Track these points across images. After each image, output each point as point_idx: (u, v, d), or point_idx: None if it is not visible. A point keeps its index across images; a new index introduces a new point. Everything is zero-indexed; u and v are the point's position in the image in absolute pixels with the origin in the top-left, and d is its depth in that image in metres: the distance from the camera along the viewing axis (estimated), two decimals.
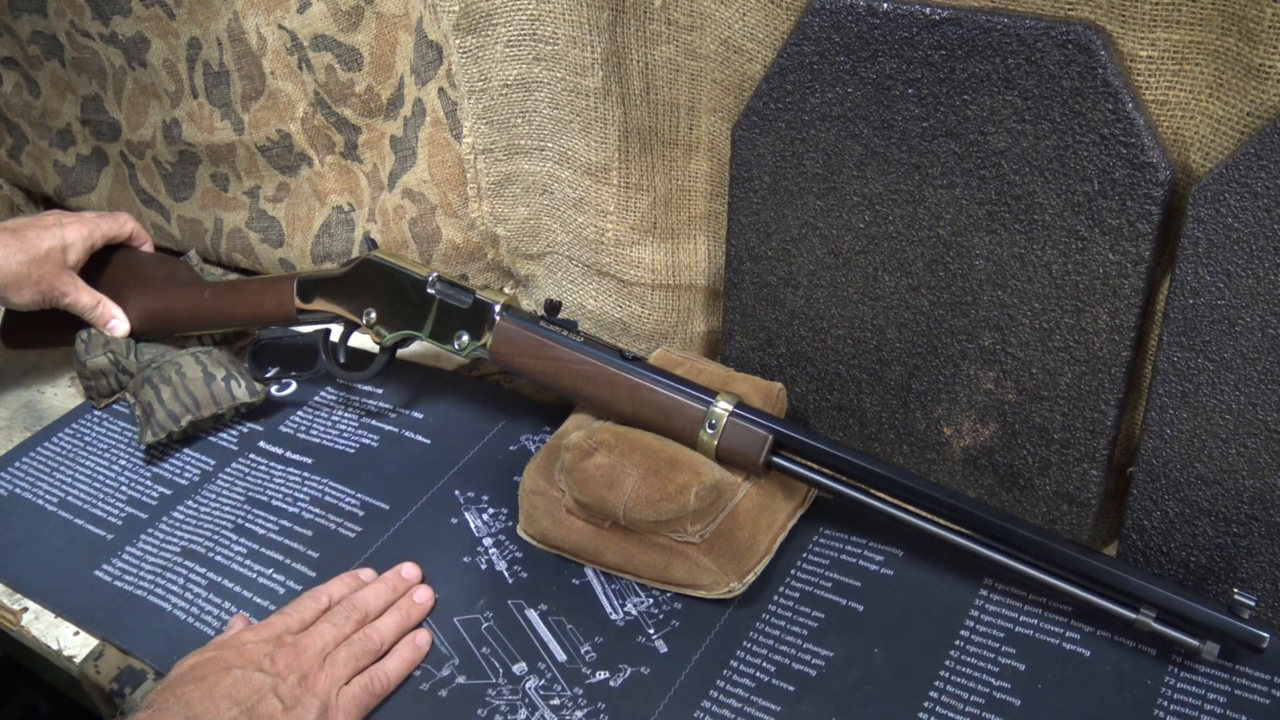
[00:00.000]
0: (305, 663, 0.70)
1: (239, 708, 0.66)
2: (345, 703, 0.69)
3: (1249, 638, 0.63)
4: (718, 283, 0.91)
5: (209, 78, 1.07)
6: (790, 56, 0.75)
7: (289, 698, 0.67)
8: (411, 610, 0.76)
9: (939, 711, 0.67)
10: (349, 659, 0.71)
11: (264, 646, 0.70)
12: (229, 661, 0.69)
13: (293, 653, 0.70)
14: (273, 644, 0.71)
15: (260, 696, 0.67)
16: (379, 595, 0.77)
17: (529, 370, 0.83)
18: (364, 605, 0.75)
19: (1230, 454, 0.67)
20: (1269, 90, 0.60)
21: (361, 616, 0.74)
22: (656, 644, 0.73)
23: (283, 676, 0.69)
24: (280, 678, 0.68)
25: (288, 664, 0.69)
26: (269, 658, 0.69)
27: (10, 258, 0.92)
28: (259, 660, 0.69)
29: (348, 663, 0.71)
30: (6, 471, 0.94)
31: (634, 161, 0.85)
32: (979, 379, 0.77)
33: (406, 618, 0.76)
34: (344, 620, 0.74)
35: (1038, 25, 0.65)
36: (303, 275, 0.95)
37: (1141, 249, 0.67)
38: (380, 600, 0.76)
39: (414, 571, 0.80)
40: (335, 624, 0.73)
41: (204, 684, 0.67)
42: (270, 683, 0.68)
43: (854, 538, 0.80)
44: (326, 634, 0.72)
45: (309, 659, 0.70)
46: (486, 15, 0.84)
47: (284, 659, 0.70)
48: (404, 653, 0.74)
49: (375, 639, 0.73)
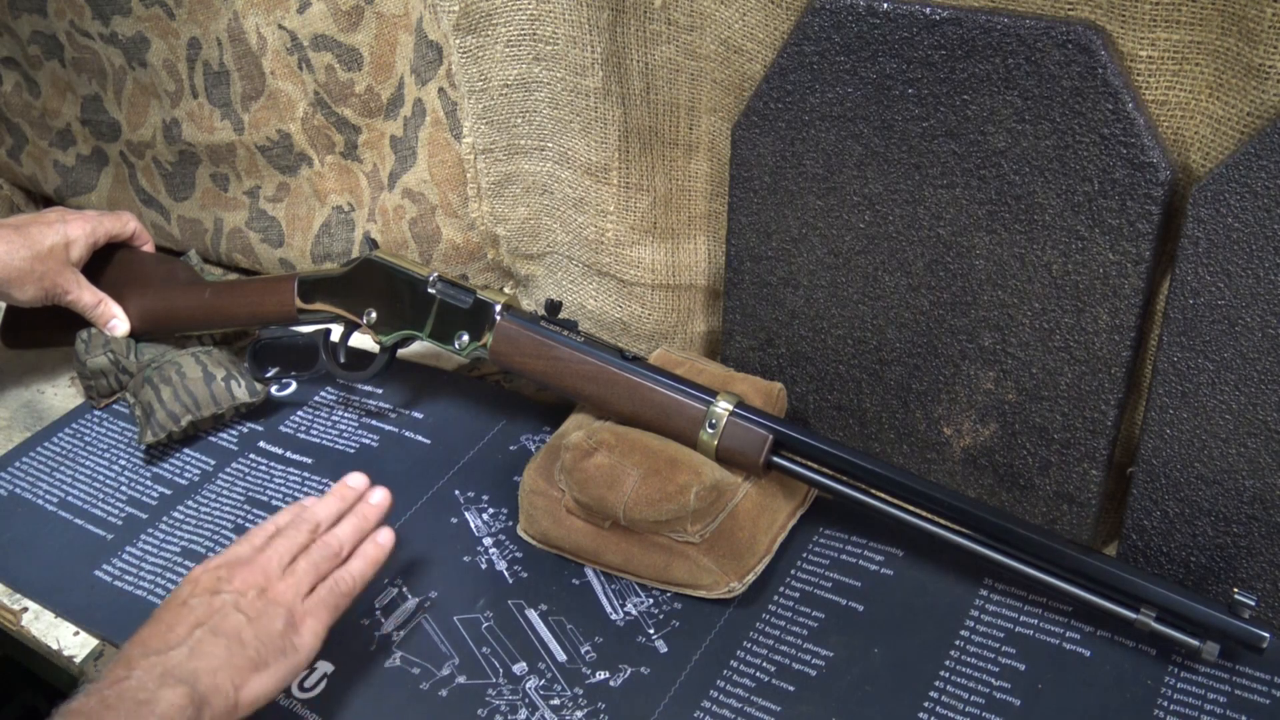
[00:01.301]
0: (264, 576, 0.68)
1: (201, 628, 0.64)
2: (312, 606, 0.68)
3: (1249, 638, 0.63)
4: (718, 283, 0.91)
5: (209, 78, 1.07)
6: (790, 56, 0.75)
7: (251, 610, 0.66)
8: (368, 512, 0.75)
9: (939, 711, 0.67)
10: (309, 567, 0.70)
11: (218, 572, 0.68)
12: (183, 596, 0.67)
13: (248, 569, 0.68)
14: (226, 568, 0.69)
15: (222, 614, 0.65)
16: (329, 507, 0.75)
17: (529, 370, 0.83)
18: (314, 518, 0.74)
19: (1230, 454, 0.67)
20: (1269, 90, 0.61)
21: (313, 527, 0.73)
22: (656, 644, 0.73)
23: (242, 593, 0.67)
24: (240, 594, 0.66)
25: (245, 580, 0.68)
26: (224, 580, 0.67)
27: (14, 253, 0.92)
28: (214, 585, 0.67)
29: (308, 571, 0.70)
30: (6, 471, 0.94)
31: (634, 161, 0.85)
32: (979, 379, 0.77)
33: (364, 520, 0.74)
34: (296, 532, 0.72)
35: (1038, 25, 0.65)
36: (303, 275, 0.95)
37: (1141, 249, 0.67)
38: (331, 510, 0.75)
39: (361, 479, 0.78)
40: (288, 538, 0.71)
41: (161, 621, 0.65)
42: (230, 600, 0.66)
43: (854, 538, 0.80)
44: (280, 547, 0.70)
45: (267, 572, 0.68)
46: (486, 15, 0.84)
47: (240, 576, 0.68)
48: (367, 551, 0.72)
49: (334, 544, 0.72)
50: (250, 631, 0.65)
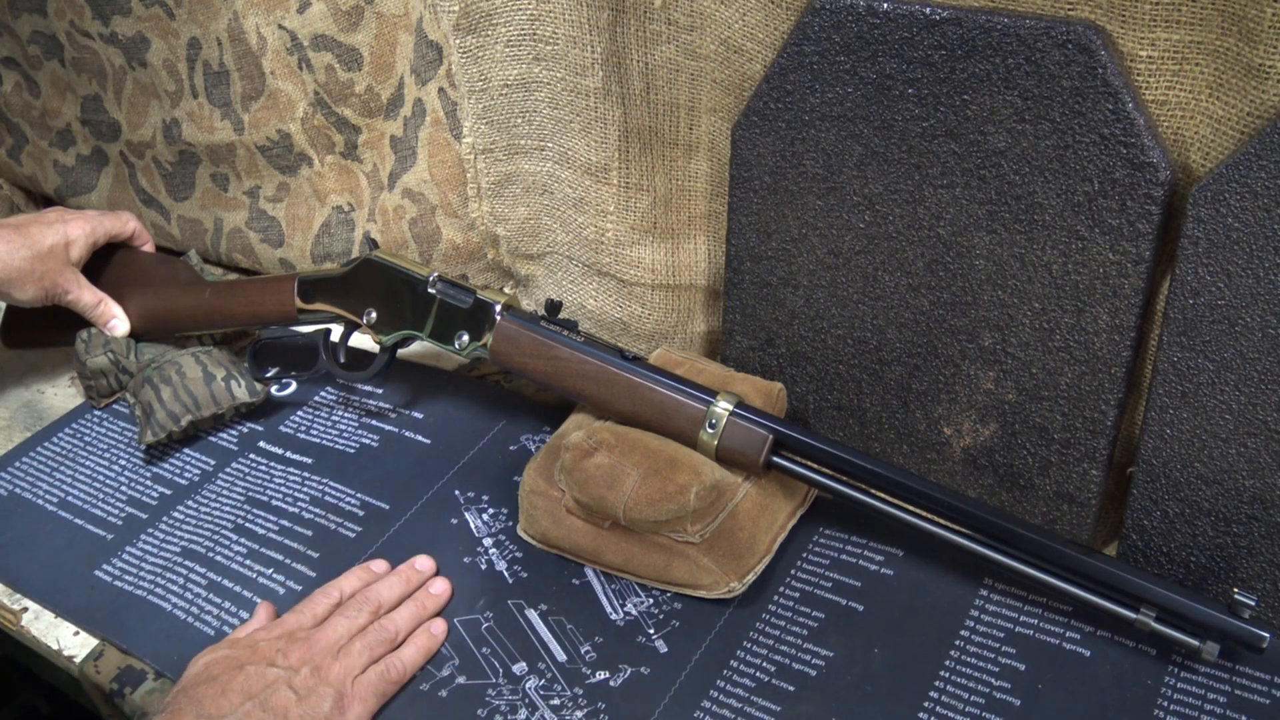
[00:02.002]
0: (318, 654, 0.70)
1: (252, 701, 0.66)
2: (361, 690, 0.69)
3: (1249, 638, 0.63)
4: (718, 283, 0.91)
5: (209, 78, 1.07)
6: (790, 56, 0.75)
7: (302, 688, 0.68)
8: (427, 601, 0.76)
9: (939, 711, 0.67)
10: (364, 649, 0.71)
11: (277, 643, 0.70)
12: (241, 659, 0.69)
13: (305, 646, 0.70)
14: (285, 639, 0.71)
15: (273, 689, 0.67)
16: (393, 588, 0.76)
17: (529, 370, 0.83)
18: (377, 598, 0.75)
19: (1230, 454, 0.67)
20: (1269, 90, 0.61)
21: (375, 608, 0.74)
22: (656, 644, 0.73)
23: (295, 669, 0.69)
24: (293, 670, 0.68)
25: (301, 656, 0.69)
26: (281, 653, 0.70)
27: (14, 253, 0.92)
28: (271, 655, 0.69)
29: (362, 652, 0.71)
30: (6, 471, 0.94)
31: (634, 161, 0.85)
32: (979, 379, 0.77)
33: (422, 609, 0.76)
34: (357, 613, 0.74)
35: (1038, 25, 0.65)
36: (303, 275, 0.95)
37: (1141, 249, 0.67)
38: (394, 593, 0.76)
39: (428, 564, 0.80)
40: (349, 616, 0.73)
41: (217, 683, 0.67)
42: (283, 675, 0.68)
43: (854, 538, 0.80)
44: (340, 626, 0.72)
45: (322, 650, 0.70)
46: (486, 15, 0.84)
47: (297, 652, 0.70)
48: (420, 641, 0.74)
49: (390, 629, 0.73)
50: (297, 711, 0.66)
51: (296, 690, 0.67)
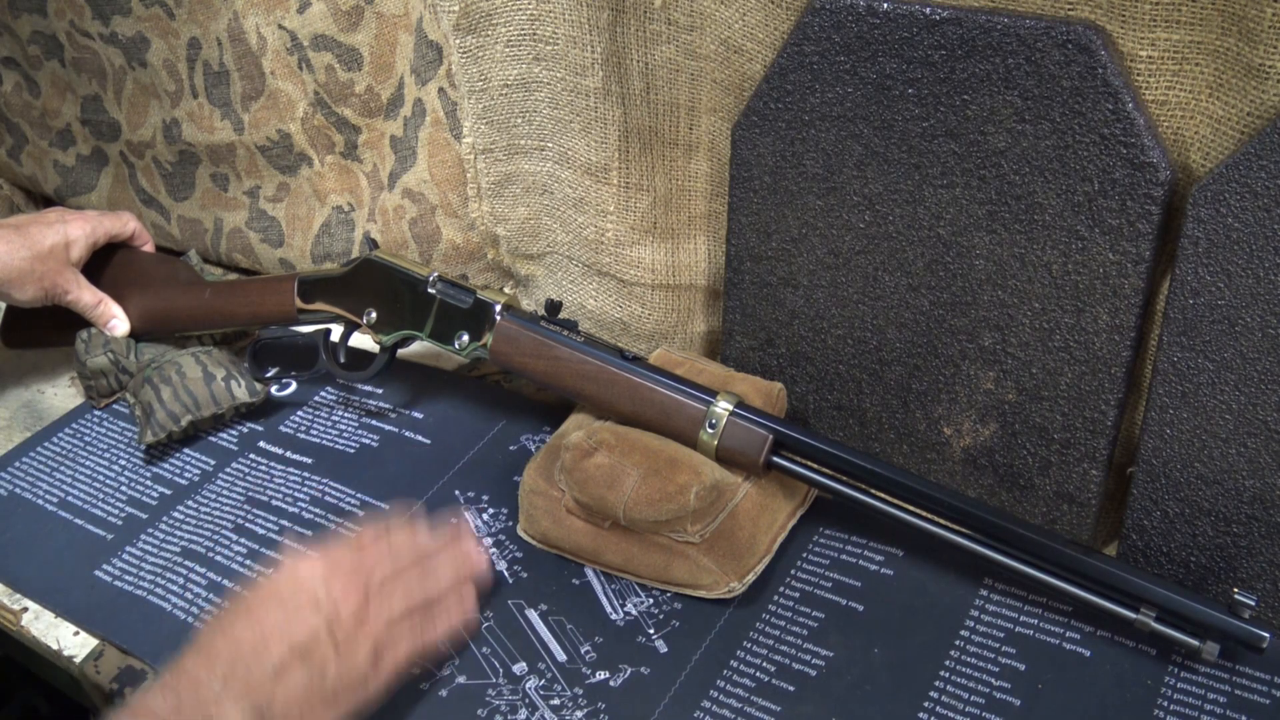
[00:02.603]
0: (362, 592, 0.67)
1: (293, 650, 0.63)
2: (396, 643, 0.67)
3: (1249, 638, 0.63)
4: (718, 283, 0.91)
5: (209, 78, 1.07)
6: (790, 56, 0.75)
7: (342, 635, 0.65)
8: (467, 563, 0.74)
9: (939, 711, 0.67)
10: (405, 595, 0.69)
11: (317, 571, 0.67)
12: (281, 592, 0.66)
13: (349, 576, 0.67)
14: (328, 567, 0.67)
15: (314, 638, 0.64)
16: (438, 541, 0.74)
17: (529, 370, 0.83)
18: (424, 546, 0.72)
19: (1230, 454, 0.67)
20: (1269, 90, 0.61)
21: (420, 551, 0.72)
22: (656, 644, 0.73)
23: (338, 604, 0.65)
24: (335, 606, 0.65)
25: (344, 588, 0.66)
26: (323, 584, 0.66)
27: (13, 254, 0.92)
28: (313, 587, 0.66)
29: (405, 599, 0.68)
30: (6, 471, 0.94)
31: (634, 161, 0.85)
32: (979, 379, 0.77)
33: (462, 568, 0.74)
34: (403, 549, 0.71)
35: (1038, 25, 0.65)
36: (303, 275, 0.95)
37: (1141, 249, 0.67)
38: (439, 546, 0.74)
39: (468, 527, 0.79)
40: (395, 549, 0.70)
41: (253, 617, 0.64)
42: (324, 619, 0.65)
43: (854, 538, 0.80)
44: (384, 556, 0.69)
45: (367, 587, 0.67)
46: (486, 15, 0.84)
47: (340, 583, 0.66)
48: (451, 609, 0.71)
49: (432, 577, 0.71)
50: (334, 667, 0.64)
51: (336, 638, 0.64)
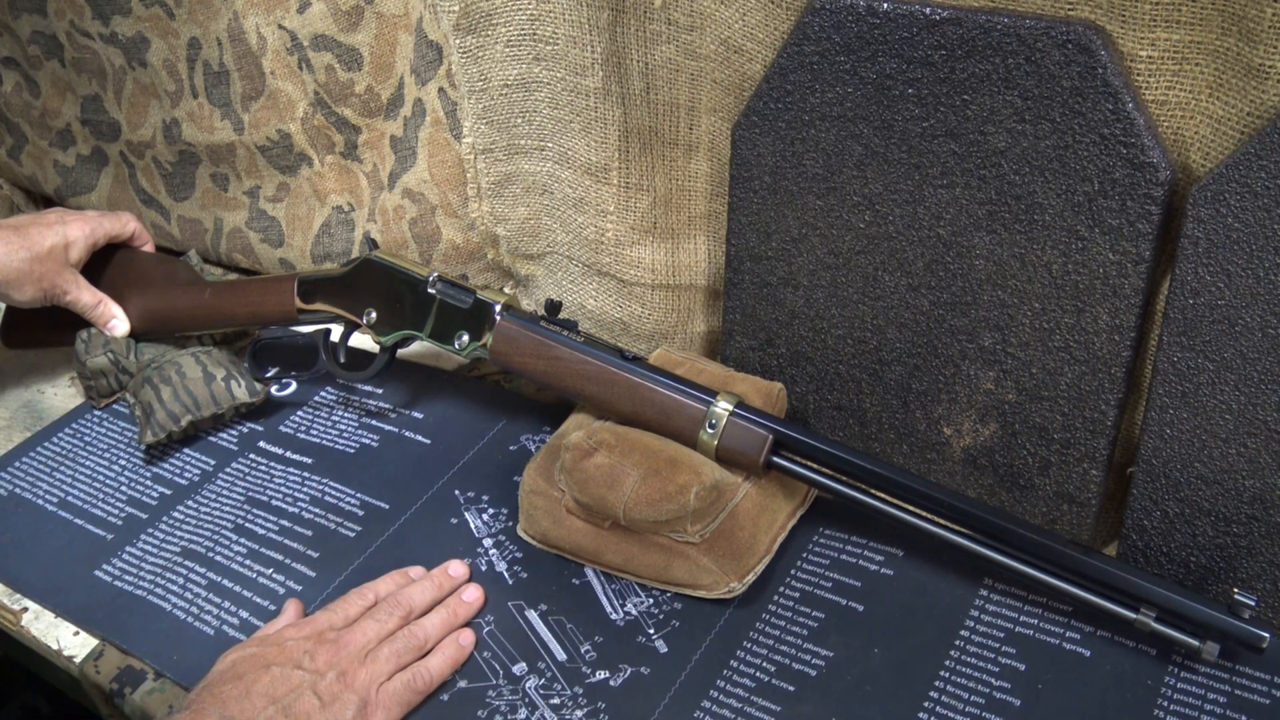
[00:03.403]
0: (345, 658, 0.69)
1: (275, 705, 0.66)
2: (385, 699, 0.69)
3: (1249, 638, 0.63)
4: (718, 283, 0.91)
5: (209, 78, 1.07)
6: (790, 56, 0.75)
7: (327, 694, 0.67)
8: (459, 609, 0.76)
9: (939, 711, 0.67)
10: (391, 655, 0.71)
11: (305, 643, 0.70)
12: (268, 659, 0.69)
13: (333, 649, 0.70)
14: (314, 640, 0.70)
15: (297, 694, 0.66)
16: (425, 593, 0.76)
17: (529, 370, 0.83)
18: (409, 602, 0.75)
19: (1230, 454, 0.67)
20: (1269, 90, 0.61)
21: (405, 613, 0.74)
22: (656, 644, 0.73)
23: (321, 673, 0.68)
24: (319, 674, 0.68)
25: (328, 660, 0.69)
26: (309, 654, 0.69)
27: (12, 254, 0.92)
28: (298, 657, 0.69)
29: (390, 659, 0.70)
30: (6, 471, 0.94)
31: (634, 161, 0.85)
32: (979, 379, 0.77)
33: (453, 616, 0.75)
34: (388, 617, 0.73)
35: (1038, 25, 0.65)
36: (303, 275, 0.95)
37: (1141, 249, 0.67)
38: (426, 598, 0.76)
39: (462, 570, 0.79)
40: (379, 620, 0.73)
41: (242, 682, 0.67)
42: (309, 680, 0.67)
43: (854, 538, 0.80)
44: (369, 630, 0.72)
45: (350, 655, 0.70)
46: (486, 15, 0.84)
47: (324, 655, 0.69)
48: (447, 651, 0.73)
49: (419, 636, 0.73)
50: (320, 718, 0.66)
51: (320, 696, 0.67)
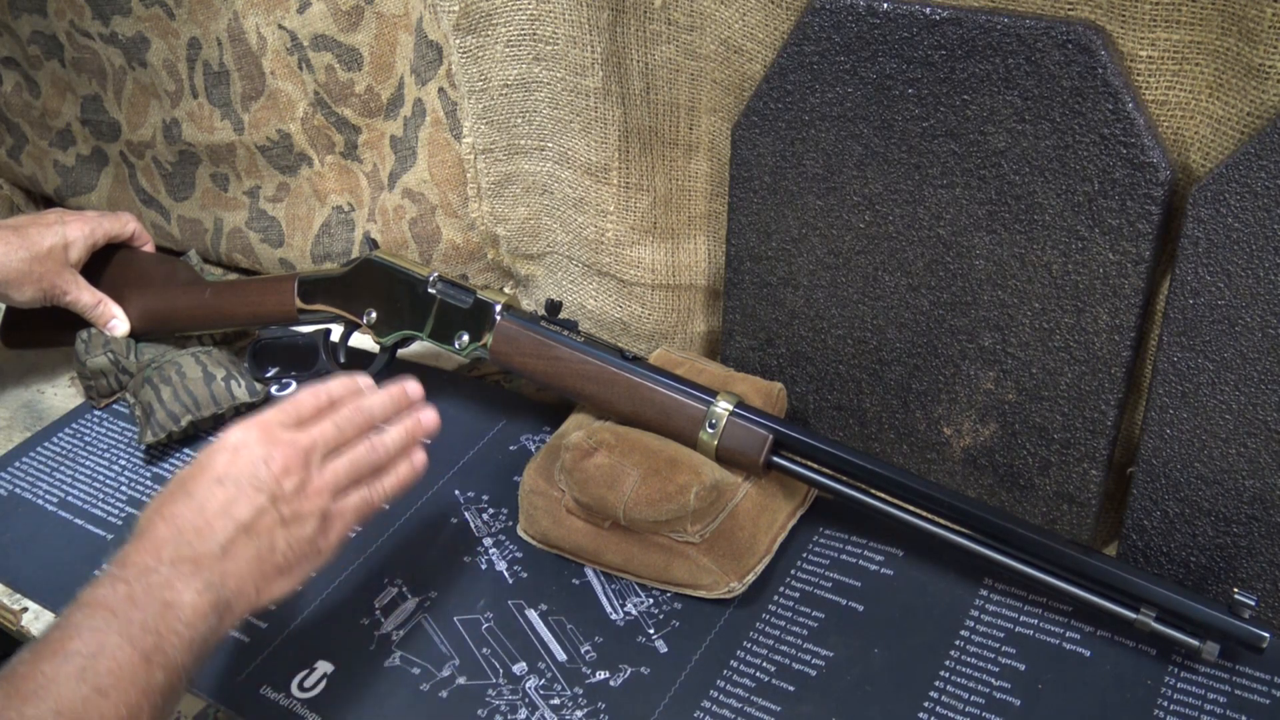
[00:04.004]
0: (304, 465, 0.64)
1: (237, 526, 0.61)
2: (343, 510, 0.65)
3: (1249, 638, 0.63)
4: (718, 283, 0.91)
5: (209, 78, 1.07)
6: (790, 56, 0.75)
7: (287, 511, 0.63)
8: (416, 430, 0.71)
9: (939, 711, 0.67)
10: (350, 467, 0.66)
11: (258, 449, 0.64)
12: (218, 469, 0.63)
13: (290, 451, 0.64)
14: (267, 444, 0.64)
15: (258, 513, 0.62)
16: (384, 407, 0.70)
17: (529, 370, 0.83)
18: (369, 412, 0.69)
19: (1230, 454, 0.67)
20: (1269, 90, 0.61)
21: (366, 422, 0.69)
22: (656, 644, 0.73)
23: (280, 485, 0.63)
24: (277, 482, 0.63)
25: (285, 465, 0.64)
26: (263, 461, 0.63)
27: (12, 255, 0.92)
28: (253, 465, 0.63)
29: (349, 472, 0.66)
30: (6, 471, 0.94)
31: (634, 161, 0.85)
32: (979, 379, 0.77)
33: (410, 436, 0.71)
34: (348, 424, 0.68)
35: (1038, 25, 0.65)
36: (303, 275, 0.95)
37: (1141, 249, 0.67)
38: (386, 411, 0.70)
39: (418, 389, 0.74)
40: (339, 426, 0.67)
41: (194, 501, 0.62)
42: (267, 497, 0.63)
43: (854, 538, 0.80)
44: (328, 433, 0.67)
45: (309, 461, 0.65)
46: (486, 15, 0.84)
47: (281, 459, 0.64)
48: (401, 470, 0.70)
49: (380, 451, 0.68)
50: (283, 538, 0.62)
51: (281, 513, 0.62)
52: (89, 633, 0.56)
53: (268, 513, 0.62)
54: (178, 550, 0.60)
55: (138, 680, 0.56)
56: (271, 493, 0.63)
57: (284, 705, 0.71)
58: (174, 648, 0.58)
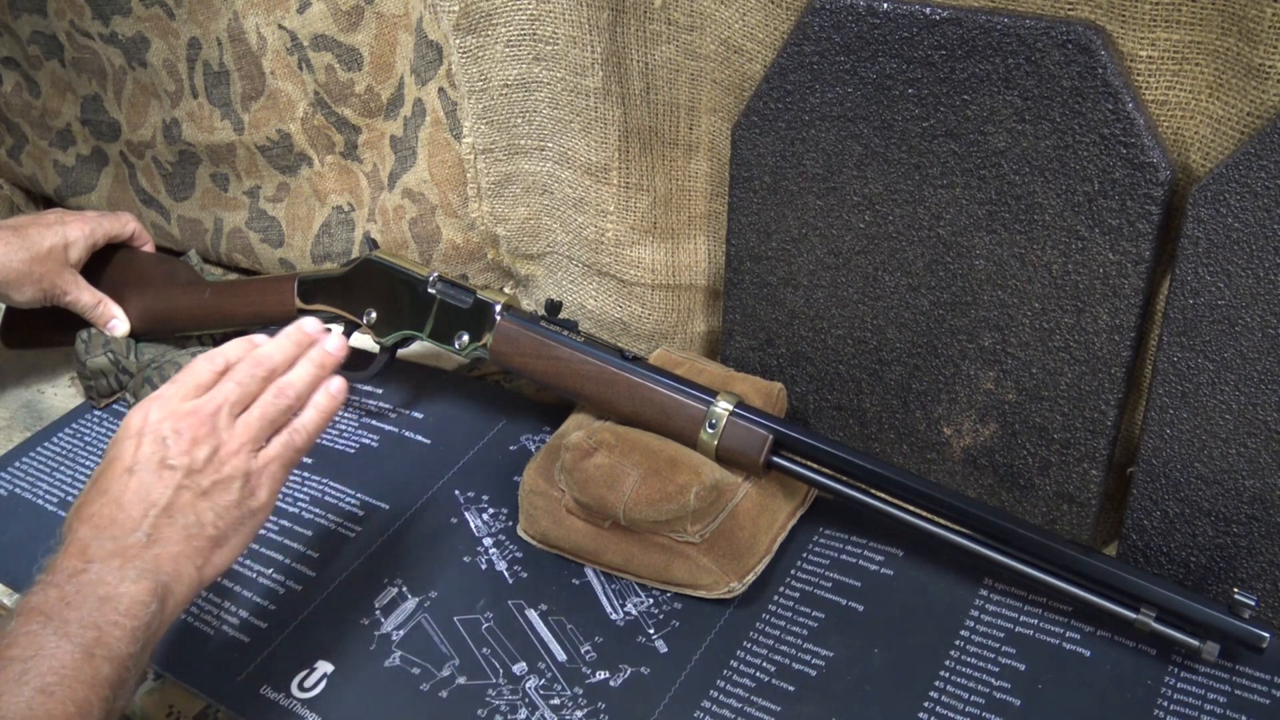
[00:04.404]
0: (212, 432, 0.62)
1: (155, 509, 0.60)
2: (266, 463, 0.64)
3: (1249, 638, 0.63)
4: (718, 283, 0.91)
5: (209, 78, 1.07)
6: (790, 56, 0.75)
7: (205, 482, 0.61)
8: (324, 360, 0.69)
9: (939, 711, 0.67)
10: (261, 419, 0.64)
11: (160, 427, 0.62)
12: (126, 460, 0.61)
13: (195, 421, 0.62)
14: (171, 419, 0.62)
15: (175, 492, 0.60)
16: (283, 349, 0.68)
17: (529, 370, 0.83)
18: (269, 361, 0.67)
19: (1230, 454, 0.67)
20: (1269, 90, 0.61)
21: (267, 373, 0.67)
22: (656, 644, 0.73)
23: (192, 457, 0.61)
24: (189, 457, 0.61)
25: (193, 438, 0.61)
26: (170, 438, 0.61)
27: (12, 255, 0.92)
28: (160, 448, 0.61)
29: (261, 423, 0.64)
30: (6, 471, 0.94)
31: (634, 161, 0.85)
32: (979, 379, 0.77)
33: (320, 368, 0.69)
34: (249, 379, 0.66)
35: (1038, 25, 0.65)
36: (303, 275, 0.95)
37: (1141, 249, 0.67)
38: (286, 355, 0.68)
39: (316, 324, 0.72)
40: (239, 383, 0.65)
41: (108, 496, 0.60)
42: (181, 473, 0.61)
43: (854, 538, 0.80)
44: (231, 393, 0.64)
45: (216, 426, 0.63)
46: (486, 15, 0.84)
47: (188, 432, 0.62)
48: (319, 402, 0.68)
49: (289, 394, 0.66)
50: (207, 508, 0.61)
51: (199, 486, 0.61)
52: (24, 637, 0.55)
53: (185, 489, 0.61)
54: (102, 546, 0.59)
55: (82, 676, 0.55)
56: (185, 468, 0.61)
57: (284, 705, 0.71)
58: (116, 639, 0.56)
